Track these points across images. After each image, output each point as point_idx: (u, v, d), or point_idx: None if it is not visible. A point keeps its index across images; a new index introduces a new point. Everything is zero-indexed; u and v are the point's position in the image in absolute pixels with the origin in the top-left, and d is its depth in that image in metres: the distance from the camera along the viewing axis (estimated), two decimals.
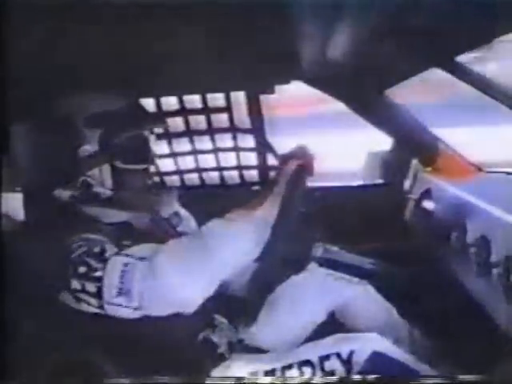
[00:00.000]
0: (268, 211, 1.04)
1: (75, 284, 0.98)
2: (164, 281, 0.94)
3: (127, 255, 0.97)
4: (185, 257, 0.96)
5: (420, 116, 1.84)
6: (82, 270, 0.98)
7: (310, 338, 1.33)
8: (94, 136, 1.12)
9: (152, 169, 1.23)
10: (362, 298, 1.42)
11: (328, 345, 1.11)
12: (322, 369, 1.06)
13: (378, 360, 1.04)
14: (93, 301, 0.98)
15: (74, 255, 0.99)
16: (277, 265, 1.10)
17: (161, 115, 1.86)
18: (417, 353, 1.17)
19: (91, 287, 0.97)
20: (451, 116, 3.95)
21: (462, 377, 1.01)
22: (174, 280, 0.94)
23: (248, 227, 1.01)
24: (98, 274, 0.96)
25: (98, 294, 0.96)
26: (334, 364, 1.05)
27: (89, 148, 1.12)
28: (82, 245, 1.00)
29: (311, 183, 1.19)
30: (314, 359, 1.07)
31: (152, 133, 1.24)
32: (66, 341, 1.00)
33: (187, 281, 0.94)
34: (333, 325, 1.39)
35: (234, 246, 0.99)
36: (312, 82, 1.88)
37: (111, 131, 1.13)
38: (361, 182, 2.18)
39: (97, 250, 0.99)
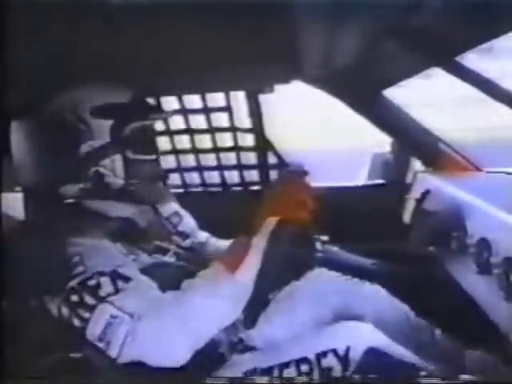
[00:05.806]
0: (248, 274, 1.02)
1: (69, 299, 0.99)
2: (142, 347, 0.94)
3: (116, 307, 0.96)
4: (165, 324, 0.95)
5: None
6: (74, 299, 0.98)
7: None
8: (104, 127, 1.12)
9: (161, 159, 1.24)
10: (375, 303, 1.35)
11: (323, 340, 1.09)
12: (320, 366, 1.04)
13: (373, 356, 1.03)
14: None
15: (71, 283, 0.98)
16: (278, 269, 1.09)
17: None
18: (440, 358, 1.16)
19: (76, 321, 0.98)
20: None
21: (462, 377, 1.01)
22: (152, 347, 0.94)
23: (228, 291, 1.00)
24: (85, 315, 0.96)
25: (82, 329, 0.97)
26: (330, 361, 1.04)
27: (100, 139, 1.12)
28: (80, 273, 0.99)
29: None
30: (311, 356, 1.06)
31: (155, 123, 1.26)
32: (65, 340, 1.01)
33: (165, 348, 0.95)
34: None
35: (214, 312, 0.99)
36: (312, 81, 1.88)
37: (121, 122, 1.14)
38: (361, 182, 2.18)
39: (92, 283, 0.98)
